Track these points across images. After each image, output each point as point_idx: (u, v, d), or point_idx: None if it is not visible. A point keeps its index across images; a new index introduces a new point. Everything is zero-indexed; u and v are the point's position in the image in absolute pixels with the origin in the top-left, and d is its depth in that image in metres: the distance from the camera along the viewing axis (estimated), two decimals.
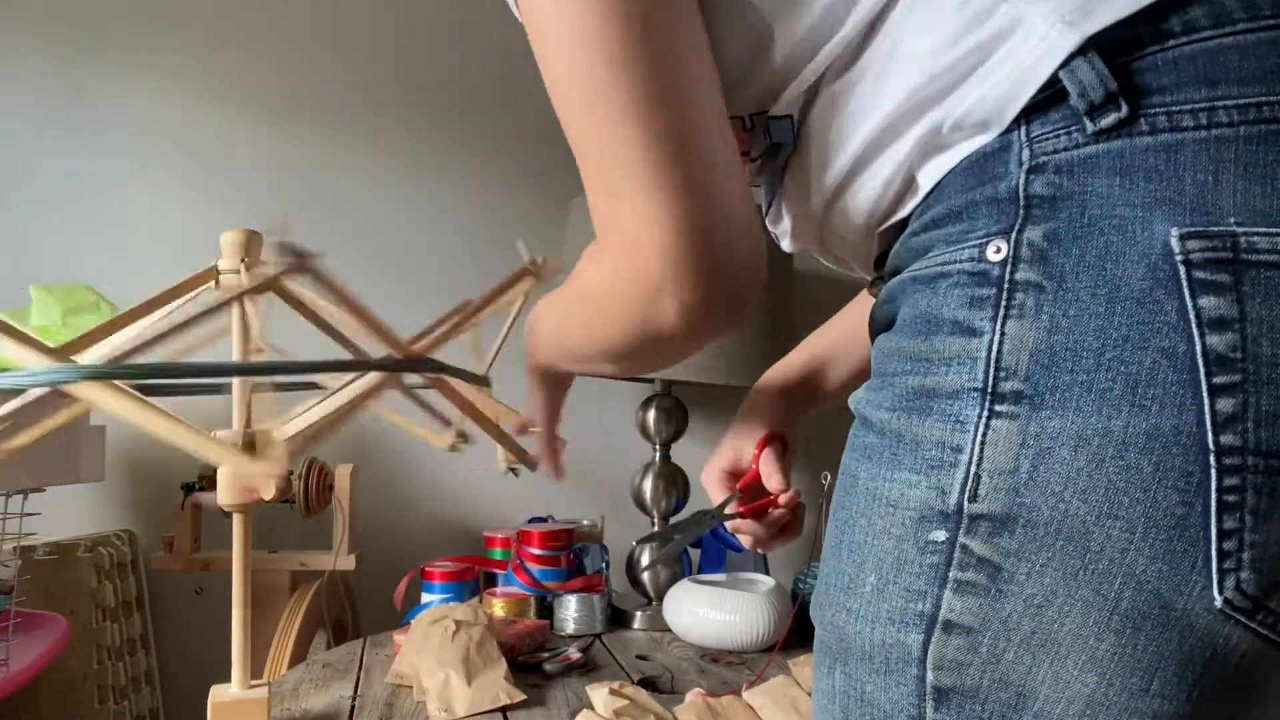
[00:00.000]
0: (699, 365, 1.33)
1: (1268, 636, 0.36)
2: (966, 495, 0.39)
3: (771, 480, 0.75)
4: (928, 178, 0.45)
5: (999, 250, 0.39)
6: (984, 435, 0.38)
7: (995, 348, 0.38)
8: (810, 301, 1.83)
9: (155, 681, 1.52)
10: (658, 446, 1.50)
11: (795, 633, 1.27)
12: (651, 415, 1.49)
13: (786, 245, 0.60)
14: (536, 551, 1.40)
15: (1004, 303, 0.39)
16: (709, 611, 1.25)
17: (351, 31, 1.71)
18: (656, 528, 1.48)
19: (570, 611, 1.35)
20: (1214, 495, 0.35)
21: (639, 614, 1.41)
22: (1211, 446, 0.35)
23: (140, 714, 1.44)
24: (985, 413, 0.38)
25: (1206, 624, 0.36)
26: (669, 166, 0.42)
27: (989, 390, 0.38)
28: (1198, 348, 0.35)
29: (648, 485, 1.48)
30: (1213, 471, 0.35)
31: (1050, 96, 0.39)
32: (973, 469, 0.39)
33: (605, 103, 0.42)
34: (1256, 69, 0.36)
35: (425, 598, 1.34)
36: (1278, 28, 0.36)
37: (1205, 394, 0.35)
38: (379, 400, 0.92)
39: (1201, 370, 0.35)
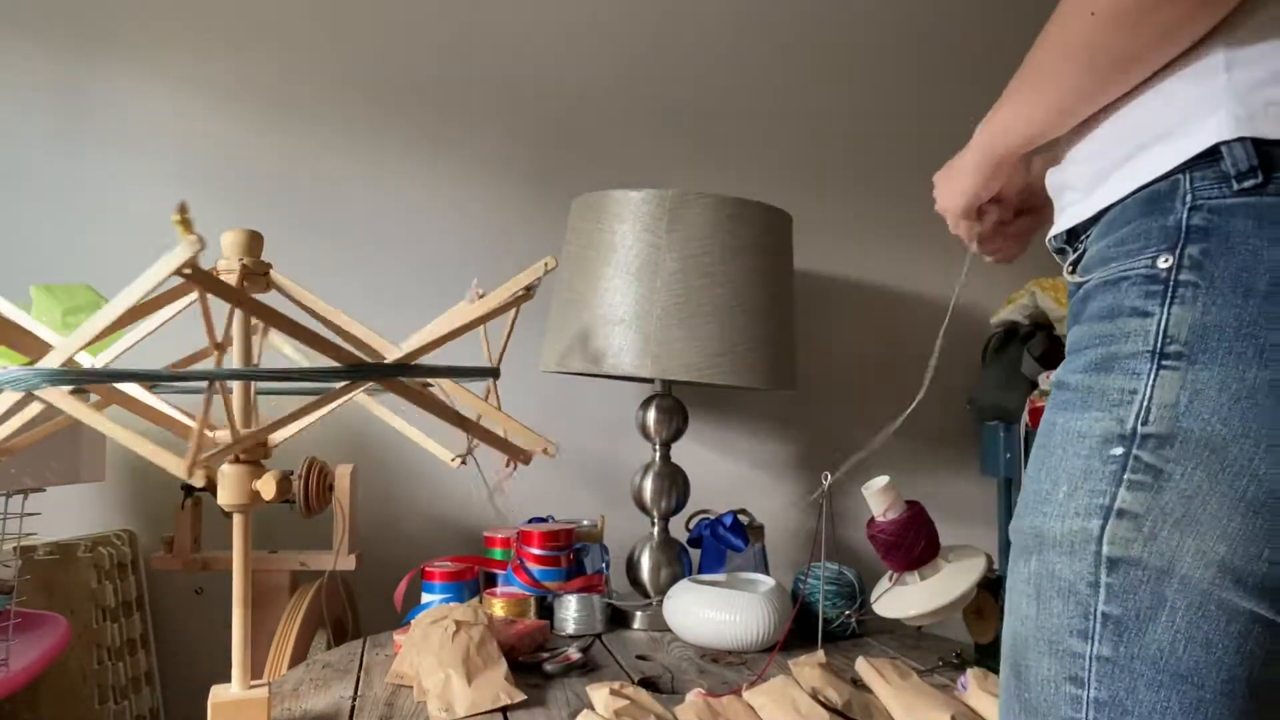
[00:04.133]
0: (698, 365, 1.33)
1: None
2: (1139, 421, 0.56)
3: None
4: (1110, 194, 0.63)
5: (1167, 260, 0.58)
6: (1154, 381, 0.56)
7: (1163, 323, 0.57)
8: (812, 305, 1.83)
9: (155, 681, 1.53)
10: (658, 446, 1.50)
11: (795, 633, 1.27)
12: (651, 415, 1.49)
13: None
14: (536, 551, 1.40)
15: (1170, 295, 0.57)
16: (709, 611, 1.25)
17: (351, 31, 1.71)
18: (657, 528, 1.48)
19: (570, 611, 1.36)
20: None
21: (639, 614, 1.41)
22: None
23: (140, 714, 1.44)
24: (1155, 367, 0.56)
25: None
26: None
27: (1158, 351, 0.57)
28: None
29: (648, 485, 1.48)
30: None
31: (1212, 160, 0.57)
32: (1145, 403, 0.56)
33: None
34: None
35: (425, 598, 1.34)
36: None
37: None
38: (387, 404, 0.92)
39: None
